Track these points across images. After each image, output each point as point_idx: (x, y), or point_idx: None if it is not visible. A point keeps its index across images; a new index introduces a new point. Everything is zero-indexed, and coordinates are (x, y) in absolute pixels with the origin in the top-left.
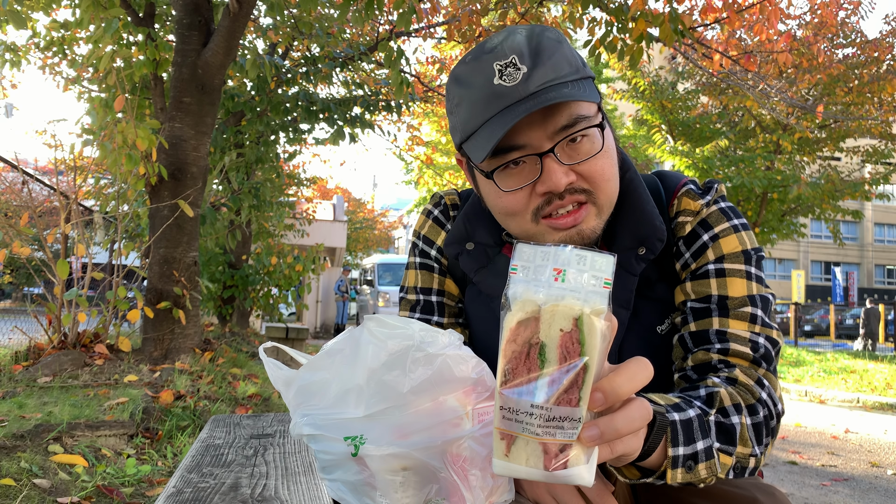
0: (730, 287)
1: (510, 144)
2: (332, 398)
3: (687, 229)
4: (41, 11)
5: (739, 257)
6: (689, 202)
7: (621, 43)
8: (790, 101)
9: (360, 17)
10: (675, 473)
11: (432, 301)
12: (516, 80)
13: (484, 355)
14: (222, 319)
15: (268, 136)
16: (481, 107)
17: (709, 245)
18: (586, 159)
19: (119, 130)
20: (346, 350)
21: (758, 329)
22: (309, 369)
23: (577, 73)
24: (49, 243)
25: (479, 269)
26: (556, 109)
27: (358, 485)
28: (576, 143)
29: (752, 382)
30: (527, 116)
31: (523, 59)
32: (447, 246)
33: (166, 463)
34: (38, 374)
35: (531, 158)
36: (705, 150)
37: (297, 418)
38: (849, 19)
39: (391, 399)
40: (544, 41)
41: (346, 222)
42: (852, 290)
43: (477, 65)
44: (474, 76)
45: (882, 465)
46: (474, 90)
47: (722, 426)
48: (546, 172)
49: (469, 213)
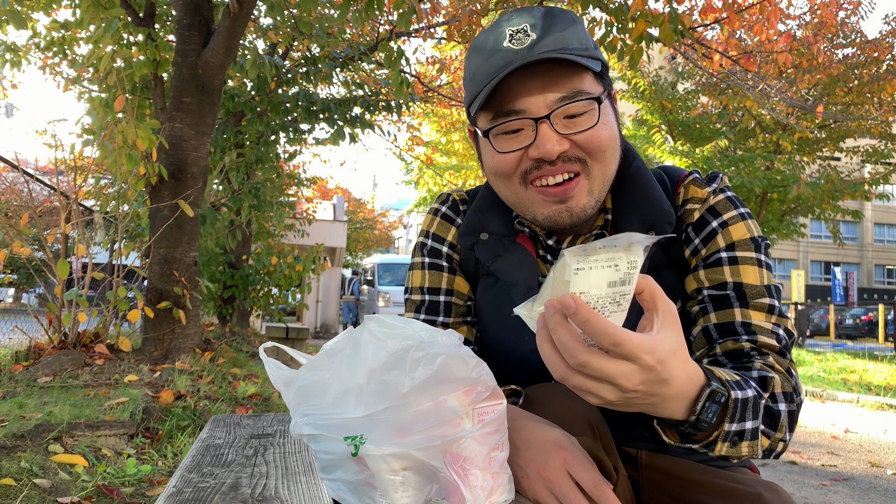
0: (743, 275)
1: (509, 108)
2: (332, 398)
3: (695, 216)
4: (41, 11)
5: (749, 245)
6: (697, 190)
7: (621, 43)
8: (790, 101)
9: (360, 17)
10: (722, 447)
11: (439, 301)
12: (524, 44)
13: (494, 347)
14: (222, 319)
15: (268, 136)
16: (487, 67)
17: (718, 231)
18: (582, 130)
19: (119, 130)
20: (346, 350)
21: (775, 320)
22: (309, 369)
23: (585, 50)
24: (49, 243)
25: (495, 258)
26: (558, 81)
27: (358, 484)
28: (574, 118)
29: (784, 372)
30: (529, 84)
31: (535, 27)
32: (461, 237)
33: (166, 463)
34: (39, 373)
35: (528, 126)
36: (705, 150)
37: (297, 418)
38: (849, 19)
39: (391, 399)
40: (559, 16)
41: (346, 222)
42: (852, 290)
43: (492, 31)
44: (487, 41)
45: (882, 465)
46: (485, 53)
47: (770, 411)
48: (540, 138)
49: (481, 205)
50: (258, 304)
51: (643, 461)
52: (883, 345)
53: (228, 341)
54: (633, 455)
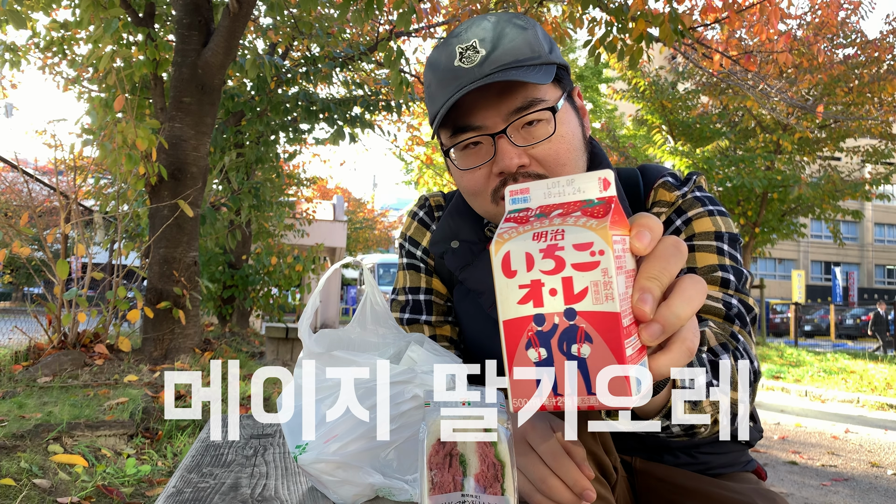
0: (699, 260)
1: (467, 125)
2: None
3: (661, 220)
4: (41, 11)
5: (710, 236)
6: (665, 193)
7: (621, 43)
8: (790, 101)
9: (360, 17)
10: (683, 406)
11: (420, 300)
12: (473, 62)
13: (475, 352)
14: (222, 319)
15: (268, 136)
16: (442, 88)
17: (681, 229)
18: (539, 142)
19: (119, 130)
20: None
21: (731, 293)
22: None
23: (538, 58)
24: (49, 243)
25: (464, 267)
26: (512, 92)
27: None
28: (532, 127)
29: (725, 335)
30: (483, 98)
31: (484, 42)
32: (433, 245)
33: (166, 463)
34: (38, 374)
35: (487, 140)
36: (705, 150)
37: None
38: (849, 19)
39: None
40: (508, 27)
41: (346, 222)
42: (852, 290)
43: (443, 49)
44: (440, 60)
45: (882, 465)
46: (438, 72)
47: (714, 364)
48: (499, 153)
49: (453, 211)
50: (258, 304)
51: (638, 468)
52: None
53: (228, 341)
54: (629, 461)
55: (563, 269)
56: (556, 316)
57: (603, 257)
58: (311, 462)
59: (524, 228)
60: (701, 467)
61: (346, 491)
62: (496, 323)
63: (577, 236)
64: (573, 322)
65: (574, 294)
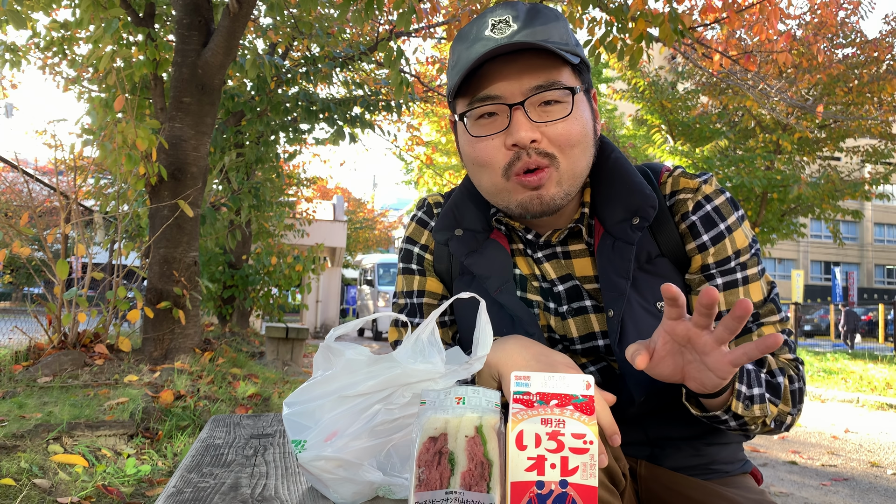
0: (752, 293)
1: (486, 94)
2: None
3: (690, 205)
4: (41, 11)
5: (748, 251)
6: (687, 181)
7: (621, 43)
8: (790, 101)
9: (360, 17)
10: (738, 405)
11: (414, 303)
12: (504, 33)
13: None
14: (222, 319)
15: (268, 136)
16: (468, 55)
17: (725, 236)
18: (554, 121)
19: (119, 130)
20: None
21: (781, 327)
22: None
23: (566, 45)
24: (49, 243)
25: (469, 253)
26: (536, 70)
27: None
28: (549, 107)
29: (789, 366)
30: (507, 69)
31: (517, 19)
32: (436, 232)
33: (166, 463)
34: (38, 374)
35: (504, 112)
36: (705, 150)
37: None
38: (849, 19)
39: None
40: (543, 12)
41: (346, 222)
42: (852, 289)
43: (476, 22)
44: (471, 31)
45: (882, 464)
46: (467, 41)
47: (770, 383)
48: (514, 124)
49: (457, 200)
50: (258, 304)
51: (641, 473)
52: (883, 345)
53: (228, 341)
54: (633, 466)
55: (563, 450)
56: (553, 484)
57: (592, 446)
58: (311, 460)
59: (532, 413)
60: (704, 460)
61: (347, 489)
62: (501, 307)
63: (575, 427)
64: (565, 490)
65: (568, 469)
